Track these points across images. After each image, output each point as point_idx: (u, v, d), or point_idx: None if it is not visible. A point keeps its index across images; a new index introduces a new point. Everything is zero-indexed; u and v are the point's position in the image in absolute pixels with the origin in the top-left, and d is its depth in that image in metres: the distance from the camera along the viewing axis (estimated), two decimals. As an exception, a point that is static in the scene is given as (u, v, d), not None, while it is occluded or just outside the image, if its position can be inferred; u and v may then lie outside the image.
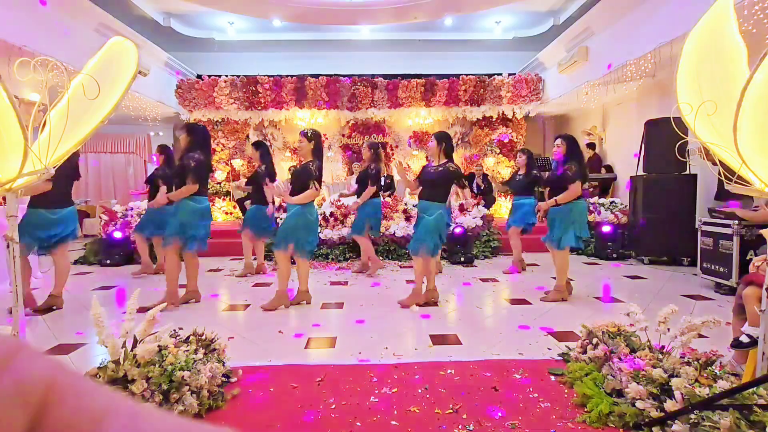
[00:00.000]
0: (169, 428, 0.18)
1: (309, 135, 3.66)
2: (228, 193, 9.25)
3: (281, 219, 4.86)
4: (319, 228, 5.59)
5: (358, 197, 5.03)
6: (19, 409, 0.16)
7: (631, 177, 6.09)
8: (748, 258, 3.88)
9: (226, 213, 9.09)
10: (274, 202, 4.96)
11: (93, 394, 0.18)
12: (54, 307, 3.69)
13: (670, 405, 1.78)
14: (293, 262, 3.79)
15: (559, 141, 3.87)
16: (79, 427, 0.17)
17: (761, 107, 1.53)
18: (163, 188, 4.57)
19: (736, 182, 1.75)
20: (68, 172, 3.54)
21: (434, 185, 3.70)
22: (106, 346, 1.97)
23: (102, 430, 0.17)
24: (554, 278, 4.05)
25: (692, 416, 1.70)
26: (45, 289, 4.64)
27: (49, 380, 0.18)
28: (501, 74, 9.21)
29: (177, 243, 3.60)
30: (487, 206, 7.04)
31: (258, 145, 4.82)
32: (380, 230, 5.36)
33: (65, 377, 0.18)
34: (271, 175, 4.47)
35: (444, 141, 3.74)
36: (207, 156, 3.70)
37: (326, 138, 9.39)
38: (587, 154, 8.23)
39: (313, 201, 3.71)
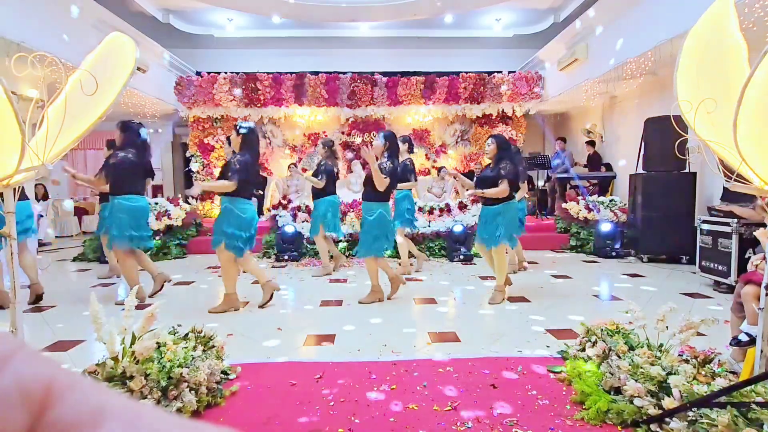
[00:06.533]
0: (169, 427, 0.18)
1: (237, 128, 3.54)
2: None
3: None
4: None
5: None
6: (19, 407, 0.16)
7: (630, 175, 6.09)
8: (746, 256, 3.87)
9: None
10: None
11: (92, 392, 0.18)
12: None
13: (668, 402, 1.79)
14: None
15: (490, 140, 3.71)
16: (79, 426, 0.17)
17: (761, 105, 1.52)
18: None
19: (735, 180, 1.74)
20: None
21: (371, 183, 3.57)
22: (105, 343, 1.97)
23: (101, 429, 0.17)
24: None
25: (690, 414, 1.70)
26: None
27: (49, 379, 0.17)
28: (501, 72, 9.19)
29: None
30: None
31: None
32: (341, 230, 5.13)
33: (64, 376, 0.18)
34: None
35: (389, 140, 3.69)
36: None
37: (325, 135, 9.37)
38: (587, 151, 8.23)
39: (248, 197, 3.54)
